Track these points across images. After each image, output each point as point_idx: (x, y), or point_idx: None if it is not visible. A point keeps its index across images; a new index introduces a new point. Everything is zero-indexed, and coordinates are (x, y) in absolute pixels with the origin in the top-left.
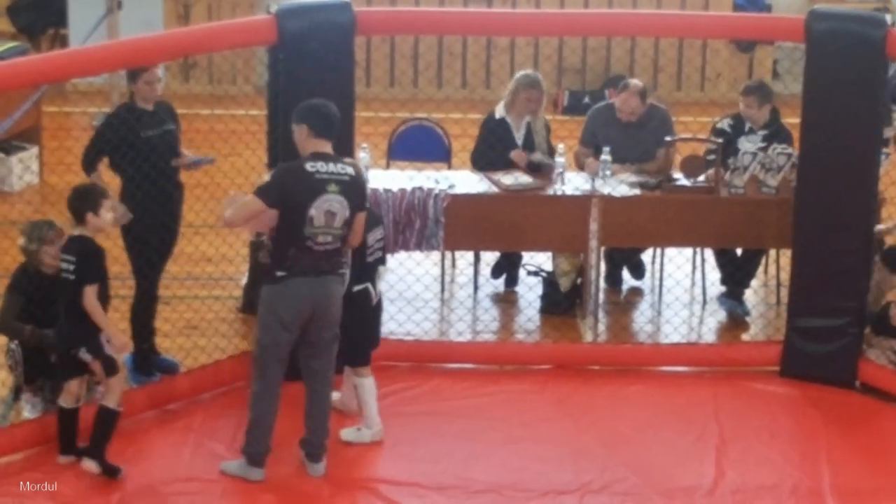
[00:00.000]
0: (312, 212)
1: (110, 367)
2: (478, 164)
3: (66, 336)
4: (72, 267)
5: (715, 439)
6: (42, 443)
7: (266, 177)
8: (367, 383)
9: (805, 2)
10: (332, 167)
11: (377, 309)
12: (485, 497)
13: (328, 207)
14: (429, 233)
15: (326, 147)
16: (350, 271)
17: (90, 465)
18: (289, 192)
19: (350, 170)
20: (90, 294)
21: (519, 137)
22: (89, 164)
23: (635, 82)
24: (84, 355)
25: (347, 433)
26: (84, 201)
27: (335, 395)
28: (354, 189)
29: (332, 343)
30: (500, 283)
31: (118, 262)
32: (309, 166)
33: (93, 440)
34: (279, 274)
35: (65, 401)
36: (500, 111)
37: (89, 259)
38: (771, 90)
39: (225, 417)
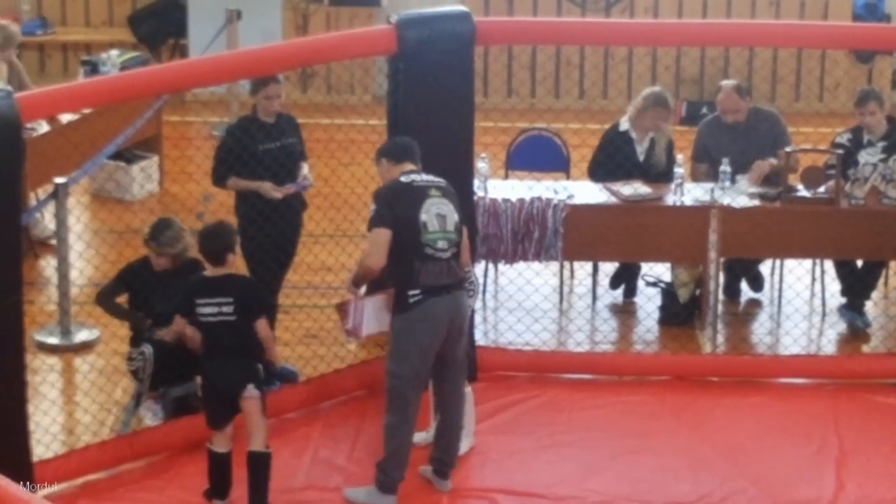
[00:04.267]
0: (423, 216)
1: (265, 402)
2: (595, 175)
3: (230, 375)
4: (231, 308)
5: (835, 452)
6: (164, 450)
7: (372, 206)
8: (470, 394)
9: None
10: (425, 177)
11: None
12: None
13: (437, 210)
14: (547, 243)
15: (411, 167)
16: None
17: None
18: (396, 206)
19: (442, 180)
20: (264, 328)
21: (641, 151)
22: (220, 178)
23: (727, 81)
24: (252, 393)
25: None
26: (223, 242)
27: (421, 437)
28: (452, 194)
29: (464, 362)
30: (618, 294)
31: None
32: (404, 178)
33: (253, 491)
34: (412, 294)
35: (218, 445)
36: (624, 124)
37: (255, 294)
38: (881, 92)
39: (344, 427)
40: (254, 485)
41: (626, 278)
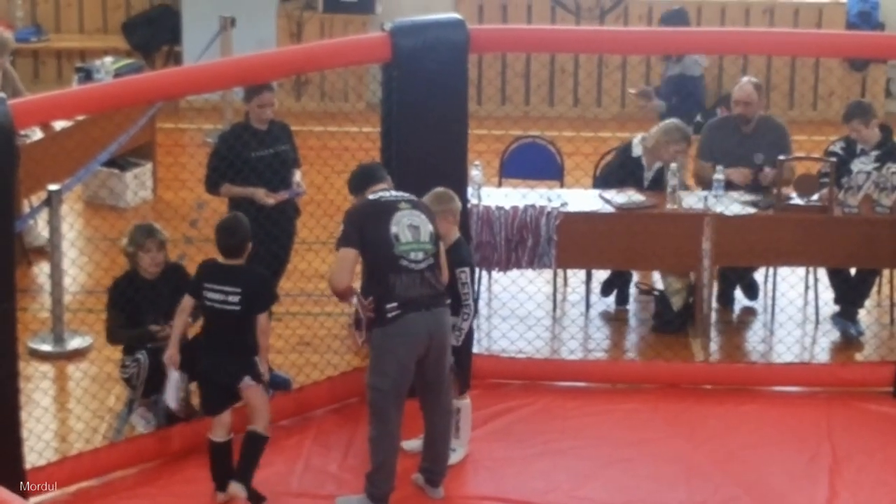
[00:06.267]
0: (394, 229)
1: (266, 393)
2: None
3: (228, 368)
4: (237, 298)
5: (828, 460)
6: (156, 457)
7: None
8: (469, 404)
9: None
10: (395, 193)
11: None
12: None
13: (409, 222)
14: (541, 251)
15: (380, 186)
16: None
17: (237, 489)
18: (364, 223)
19: (413, 196)
20: (265, 321)
21: (648, 177)
22: (213, 185)
23: (747, 77)
24: (248, 383)
25: None
26: (240, 236)
27: (413, 444)
28: (425, 207)
29: (448, 374)
30: (611, 302)
31: None
32: (371, 196)
33: (242, 465)
34: (390, 308)
35: (217, 434)
36: (637, 149)
37: (265, 288)
38: (869, 105)
39: (337, 434)
40: (242, 460)
41: (618, 285)
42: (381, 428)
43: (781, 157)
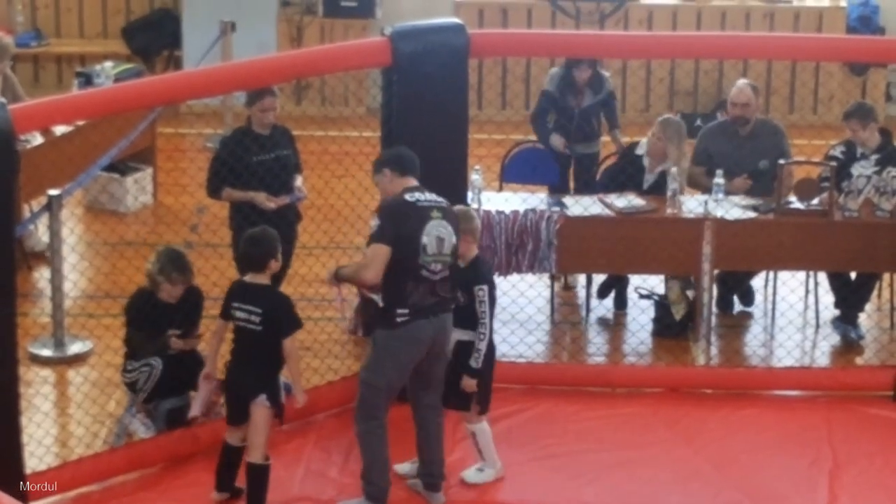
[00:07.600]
0: (424, 239)
1: (282, 416)
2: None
3: (246, 382)
4: (258, 318)
5: (828, 464)
6: (156, 462)
7: (373, 222)
8: (485, 427)
9: None
10: (428, 196)
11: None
12: None
13: (438, 233)
14: (541, 255)
15: (413, 182)
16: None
17: None
18: (400, 225)
19: (443, 200)
20: (290, 346)
21: (648, 180)
22: (214, 190)
23: (744, 80)
24: (264, 402)
25: (470, 475)
26: (266, 248)
27: (406, 467)
28: (453, 216)
29: (443, 376)
30: (611, 307)
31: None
32: (408, 196)
33: (248, 499)
34: (400, 313)
35: (231, 438)
36: (641, 147)
37: (284, 311)
38: (870, 108)
39: (338, 438)
40: (249, 495)
41: (616, 288)
42: (370, 422)
43: (782, 162)
